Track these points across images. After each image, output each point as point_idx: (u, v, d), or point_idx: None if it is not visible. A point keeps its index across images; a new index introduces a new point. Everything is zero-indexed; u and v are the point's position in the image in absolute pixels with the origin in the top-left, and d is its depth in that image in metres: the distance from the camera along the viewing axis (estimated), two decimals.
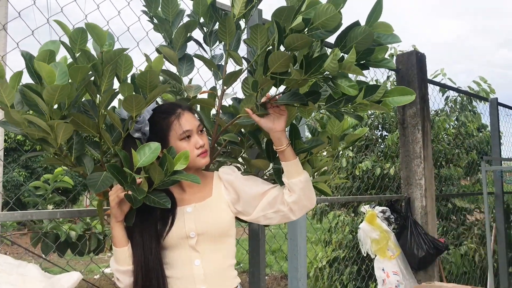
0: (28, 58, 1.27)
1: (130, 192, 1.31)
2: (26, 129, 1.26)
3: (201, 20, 1.64)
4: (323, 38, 1.29)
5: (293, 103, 1.39)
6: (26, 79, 1.27)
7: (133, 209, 1.40)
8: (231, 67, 1.60)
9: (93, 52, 1.32)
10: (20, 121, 1.24)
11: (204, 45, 1.67)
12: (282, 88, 1.43)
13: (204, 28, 1.65)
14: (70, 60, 1.32)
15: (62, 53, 1.31)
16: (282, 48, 1.29)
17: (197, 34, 1.66)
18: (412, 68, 3.56)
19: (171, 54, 1.57)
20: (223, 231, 1.47)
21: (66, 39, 1.32)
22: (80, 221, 2.19)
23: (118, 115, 1.43)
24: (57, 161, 1.39)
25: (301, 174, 1.45)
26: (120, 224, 1.41)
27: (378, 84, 4.98)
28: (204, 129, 1.52)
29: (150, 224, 1.42)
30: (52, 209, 2.03)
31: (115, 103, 1.52)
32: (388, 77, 4.58)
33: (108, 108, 1.42)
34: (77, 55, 1.28)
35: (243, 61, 1.52)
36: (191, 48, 1.65)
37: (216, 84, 1.69)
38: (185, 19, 1.62)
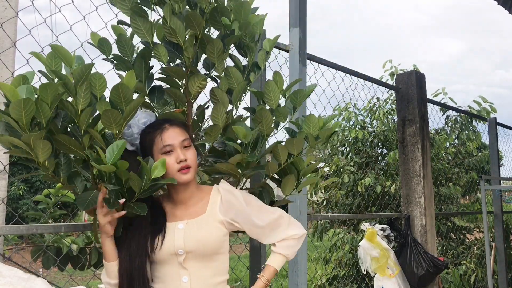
0: None
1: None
2: (12, 150, 1.29)
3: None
4: None
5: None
6: None
7: (120, 221, 1.45)
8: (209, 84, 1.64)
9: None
10: (4, 144, 1.28)
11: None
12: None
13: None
14: None
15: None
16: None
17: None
18: (412, 88, 3.60)
19: (140, 86, 1.55)
20: (213, 250, 1.48)
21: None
22: (81, 236, 2.19)
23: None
24: (53, 179, 1.42)
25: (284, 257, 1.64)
26: (110, 239, 1.46)
27: (378, 101, 4.95)
28: (192, 145, 1.51)
29: (139, 236, 1.45)
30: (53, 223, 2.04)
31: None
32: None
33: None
34: (56, 80, 1.31)
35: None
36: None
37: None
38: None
